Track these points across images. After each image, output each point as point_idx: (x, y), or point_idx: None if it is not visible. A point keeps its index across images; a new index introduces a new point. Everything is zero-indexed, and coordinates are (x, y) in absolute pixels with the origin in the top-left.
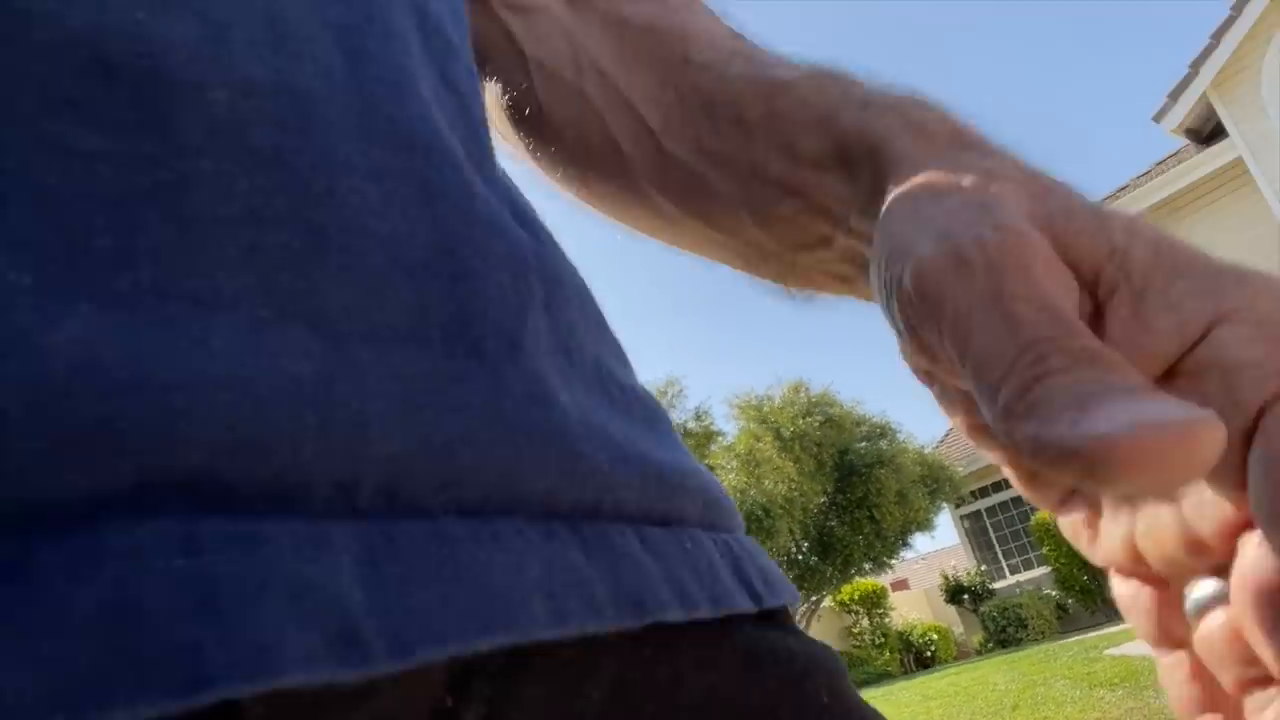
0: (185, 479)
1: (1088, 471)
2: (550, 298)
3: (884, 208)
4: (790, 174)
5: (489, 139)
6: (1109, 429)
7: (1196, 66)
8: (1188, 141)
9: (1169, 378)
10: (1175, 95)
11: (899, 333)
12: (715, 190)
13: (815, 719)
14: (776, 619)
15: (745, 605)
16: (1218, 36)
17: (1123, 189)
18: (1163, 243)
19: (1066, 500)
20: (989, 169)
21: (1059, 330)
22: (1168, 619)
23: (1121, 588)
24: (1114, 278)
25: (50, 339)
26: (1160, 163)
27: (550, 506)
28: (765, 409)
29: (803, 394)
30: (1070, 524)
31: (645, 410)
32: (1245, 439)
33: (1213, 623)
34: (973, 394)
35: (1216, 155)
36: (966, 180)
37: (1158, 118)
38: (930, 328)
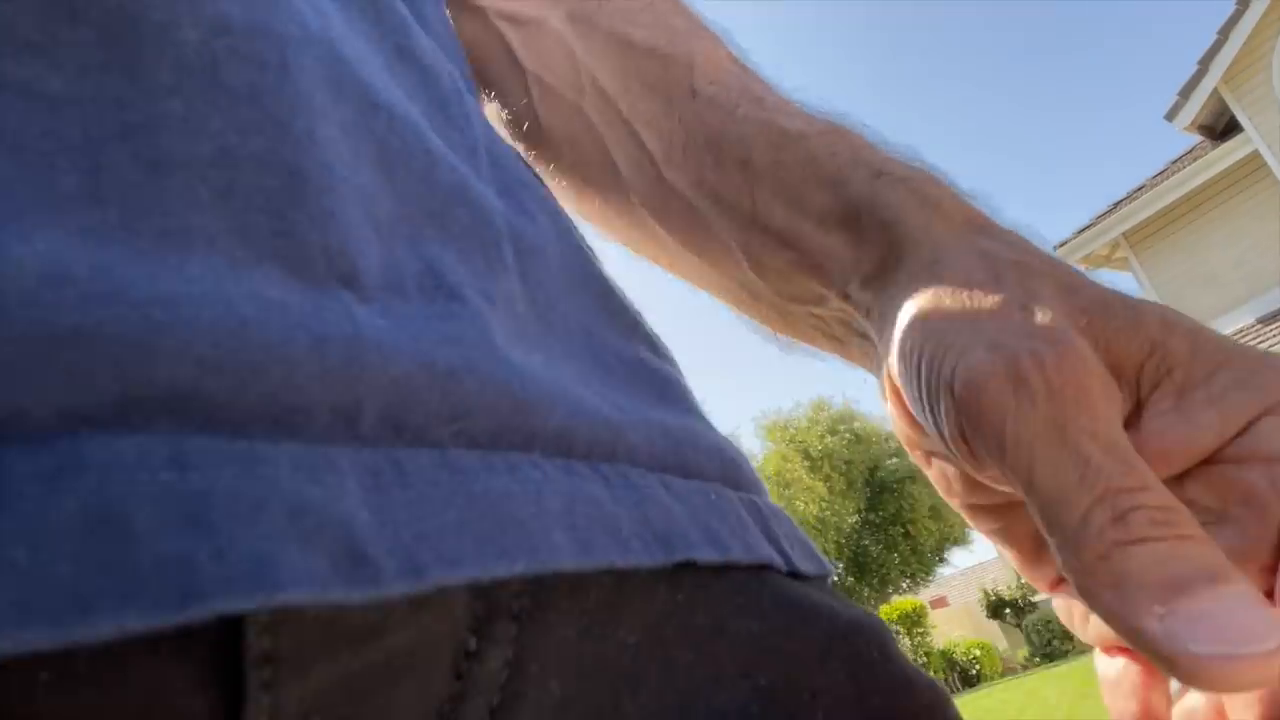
0: (171, 397)
1: (1172, 672)
2: (526, 268)
3: (910, 290)
4: (792, 227)
5: (463, 111)
6: (1202, 651)
7: (1205, 63)
8: (1202, 138)
9: (1209, 463)
10: (1186, 92)
11: (942, 435)
12: (713, 228)
13: (869, 675)
14: (814, 582)
15: (775, 560)
16: (1225, 31)
17: (1139, 189)
18: (1200, 334)
19: (1058, 584)
20: (1018, 261)
21: (1132, 480)
22: (1152, 696)
23: (1106, 666)
24: (1156, 374)
25: (16, 251)
26: (1176, 160)
27: (566, 445)
28: (792, 430)
29: (825, 412)
30: (1063, 604)
31: (653, 380)
32: None
33: (1195, 700)
34: (1036, 523)
35: (1232, 150)
36: (1004, 276)
37: (1170, 116)
38: (986, 444)
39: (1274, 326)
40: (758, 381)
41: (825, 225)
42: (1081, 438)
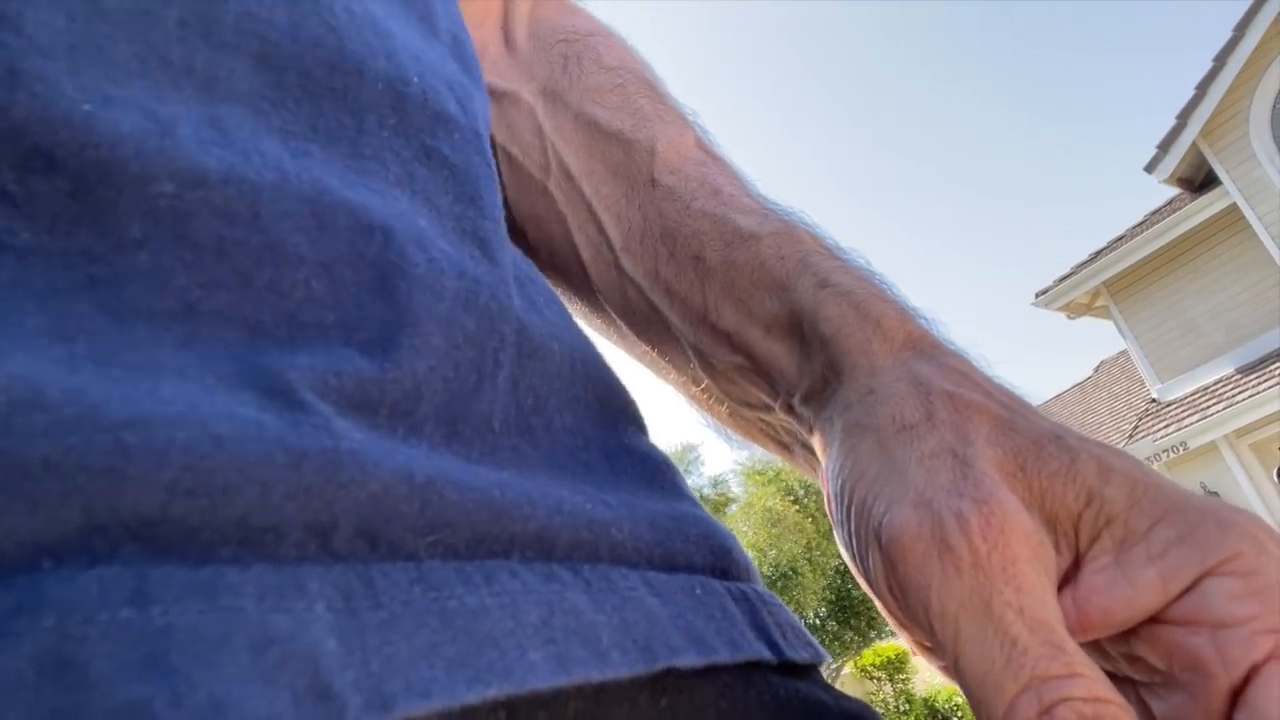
0: (138, 523)
1: None
2: (521, 372)
3: (845, 422)
4: (741, 330)
5: (493, 198)
6: None
7: (1184, 117)
8: (1181, 190)
9: (1155, 622)
10: (1165, 146)
11: (874, 587)
12: (667, 322)
13: None
14: (804, 674)
15: (764, 655)
16: (1203, 88)
17: (1119, 239)
18: (1138, 481)
19: None
20: (953, 394)
21: (1059, 665)
22: None
23: None
24: (1094, 525)
25: None
26: (1155, 212)
27: (547, 547)
28: (773, 470)
29: None
30: None
31: (642, 468)
32: (1232, 697)
33: None
34: (961, 688)
35: (1210, 203)
36: (937, 413)
37: (1149, 168)
38: (913, 610)
39: (1253, 377)
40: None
41: (772, 332)
42: (1007, 614)
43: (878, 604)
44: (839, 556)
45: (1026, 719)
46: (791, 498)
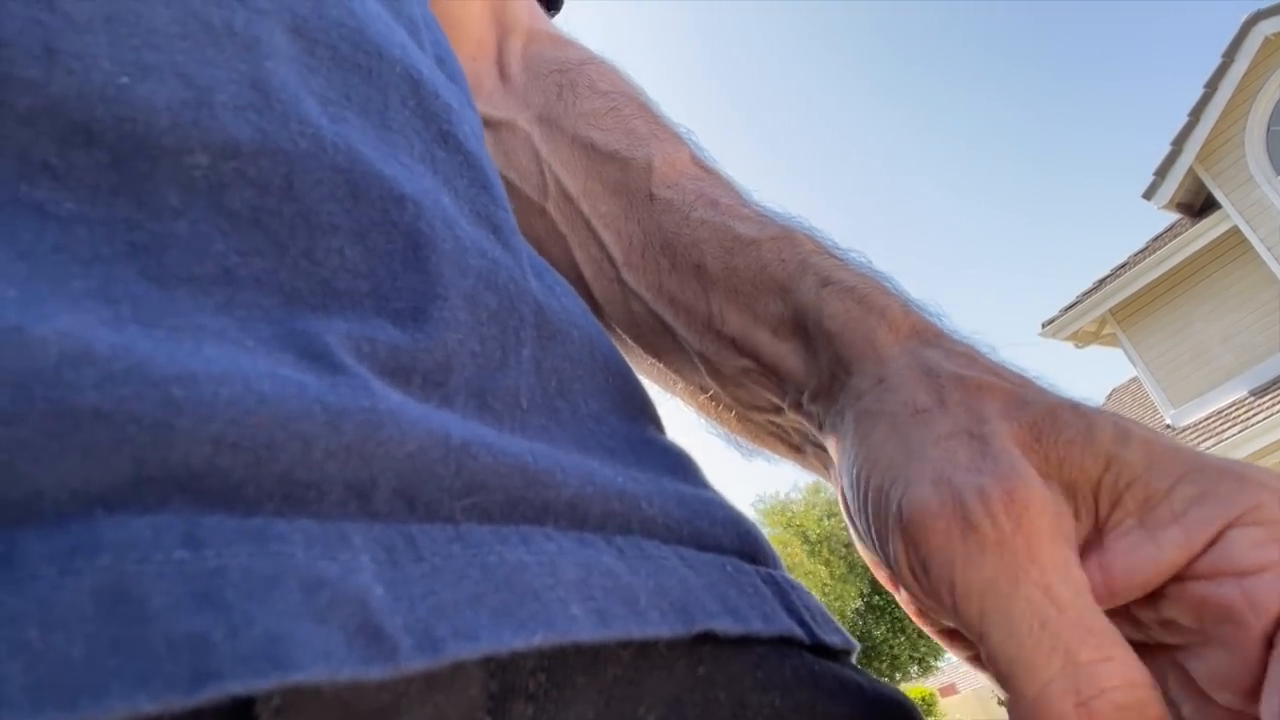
0: (186, 476)
1: None
2: (543, 354)
3: (856, 412)
4: (747, 334)
5: (498, 199)
6: None
7: (1179, 143)
8: (1181, 215)
9: (1181, 580)
10: (1162, 173)
11: (895, 570)
12: (672, 333)
13: None
14: (837, 658)
15: (796, 632)
16: (1196, 114)
17: (1122, 267)
18: (1155, 444)
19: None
20: (962, 376)
21: (1091, 648)
22: None
23: None
24: (1114, 490)
25: (40, 330)
26: (1157, 238)
27: (580, 517)
28: (790, 513)
29: (822, 494)
30: None
31: (663, 459)
32: (1266, 642)
33: None
34: (989, 671)
35: (1211, 226)
36: (949, 396)
37: (1148, 195)
38: (936, 589)
39: (1267, 399)
40: (756, 463)
41: (779, 333)
42: (1035, 593)
43: (900, 597)
44: (856, 599)
45: (1062, 711)
46: (803, 540)
